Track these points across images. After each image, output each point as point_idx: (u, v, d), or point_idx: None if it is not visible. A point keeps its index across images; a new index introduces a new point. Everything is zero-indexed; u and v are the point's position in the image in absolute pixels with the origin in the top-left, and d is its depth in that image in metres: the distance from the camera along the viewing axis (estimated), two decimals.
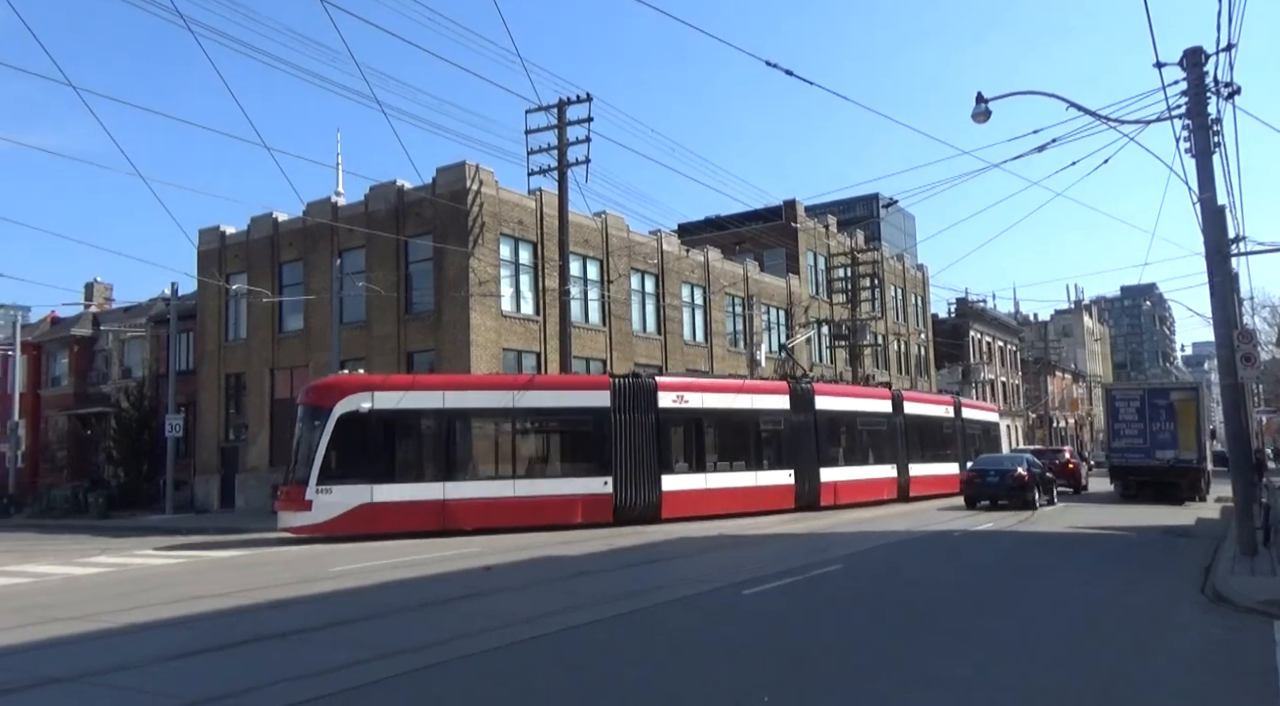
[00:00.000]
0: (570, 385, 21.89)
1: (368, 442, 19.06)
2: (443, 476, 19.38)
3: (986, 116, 14.09)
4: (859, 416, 27.63)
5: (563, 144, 26.02)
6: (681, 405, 22.02)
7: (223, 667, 7.25)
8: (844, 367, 46.48)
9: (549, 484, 20.21)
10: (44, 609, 10.41)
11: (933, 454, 30.84)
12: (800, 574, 11.63)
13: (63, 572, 14.36)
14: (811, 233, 46.66)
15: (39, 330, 43.90)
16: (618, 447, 20.69)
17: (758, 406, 23.99)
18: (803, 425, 24.79)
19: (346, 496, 18.54)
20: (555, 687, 6.17)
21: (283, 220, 32.19)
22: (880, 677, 6.34)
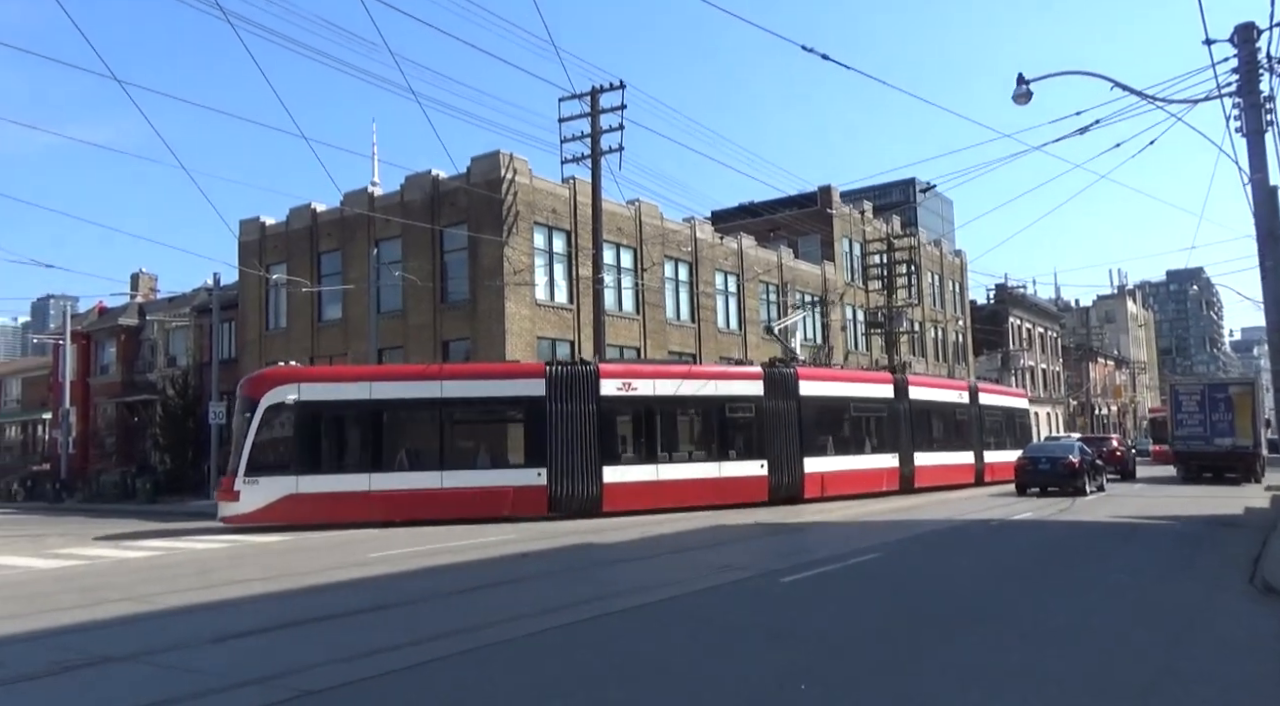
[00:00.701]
0: (501, 373, 21.32)
1: (294, 434, 19.14)
2: (369, 468, 19.30)
3: (1028, 98, 13.80)
4: (853, 402, 25.76)
5: (596, 132, 25.98)
6: (628, 392, 20.80)
7: (268, 649, 7.40)
8: (880, 355, 46.02)
9: (479, 475, 19.63)
10: (96, 590, 10.72)
11: (943, 442, 28.97)
12: (838, 562, 11.57)
13: (113, 555, 14.77)
14: (847, 219, 46.15)
15: (88, 320, 45.02)
16: (554, 438, 19.80)
17: (724, 393, 22.34)
18: (781, 412, 22.80)
19: (272, 487, 18.60)
20: (594, 671, 6.21)
21: (321, 211, 32.61)
22: (920, 666, 6.29)
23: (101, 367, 43.06)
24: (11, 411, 51.72)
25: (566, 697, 5.57)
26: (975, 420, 30.60)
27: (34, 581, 12.07)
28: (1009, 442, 32.33)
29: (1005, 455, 31.08)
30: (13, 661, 6.92)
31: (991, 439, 31.26)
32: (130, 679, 6.35)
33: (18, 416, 50.43)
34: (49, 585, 11.53)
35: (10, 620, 8.75)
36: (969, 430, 30.21)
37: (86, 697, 5.96)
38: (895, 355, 45.25)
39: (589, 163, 26.23)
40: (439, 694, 5.76)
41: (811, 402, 23.71)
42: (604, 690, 5.72)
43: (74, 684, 6.32)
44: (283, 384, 19.33)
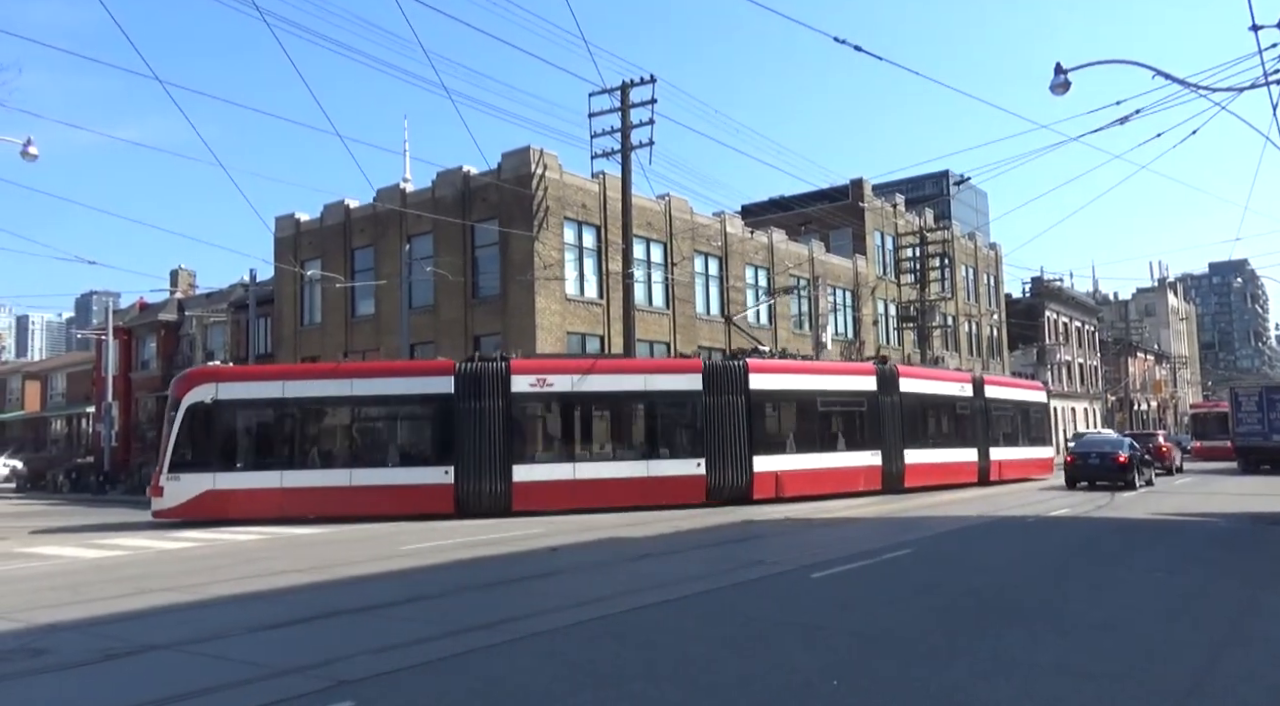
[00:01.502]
0: (410, 371, 21.46)
1: (212, 431, 19.62)
2: (281, 465, 19.67)
3: (1066, 88, 13.56)
4: (822, 396, 23.77)
5: (626, 126, 25.97)
6: (542, 388, 20.30)
7: (307, 639, 7.53)
8: (912, 350, 45.56)
9: (387, 473, 19.76)
10: (138, 580, 10.97)
11: (940, 438, 26.92)
12: (870, 558, 11.49)
13: (155, 546, 15.09)
14: (879, 212, 45.72)
15: (129, 316, 45.96)
16: (461, 435, 19.69)
17: (654, 388, 21.18)
18: (725, 407, 21.39)
19: (191, 483, 19.15)
20: (627, 665, 6.24)
21: (354, 207, 32.98)
22: (956, 661, 6.23)
23: (142, 362, 43.98)
24: (56, 405, 53.07)
25: (597, 690, 5.60)
26: (980, 414, 28.47)
27: (79, 571, 12.38)
28: (1023, 439, 30.83)
29: (1018, 452, 29.99)
30: (61, 649, 7.11)
31: (1001, 434, 29.39)
32: (173, 667, 6.50)
33: (62, 410, 51.72)
34: (93, 575, 11.81)
35: (58, 608, 8.99)
36: (971, 425, 28.12)
37: (132, 686, 6.09)
38: (928, 349, 44.77)
39: (619, 157, 26.24)
40: (472, 685, 5.82)
41: (765, 396, 22.23)
42: (634, 684, 5.74)
43: (120, 672, 6.47)
44: (203, 383, 19.92)
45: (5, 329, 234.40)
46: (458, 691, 5.69)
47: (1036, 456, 31.63)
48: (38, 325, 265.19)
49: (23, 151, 17.92)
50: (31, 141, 17.88)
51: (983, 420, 28.58)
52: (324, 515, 18.87)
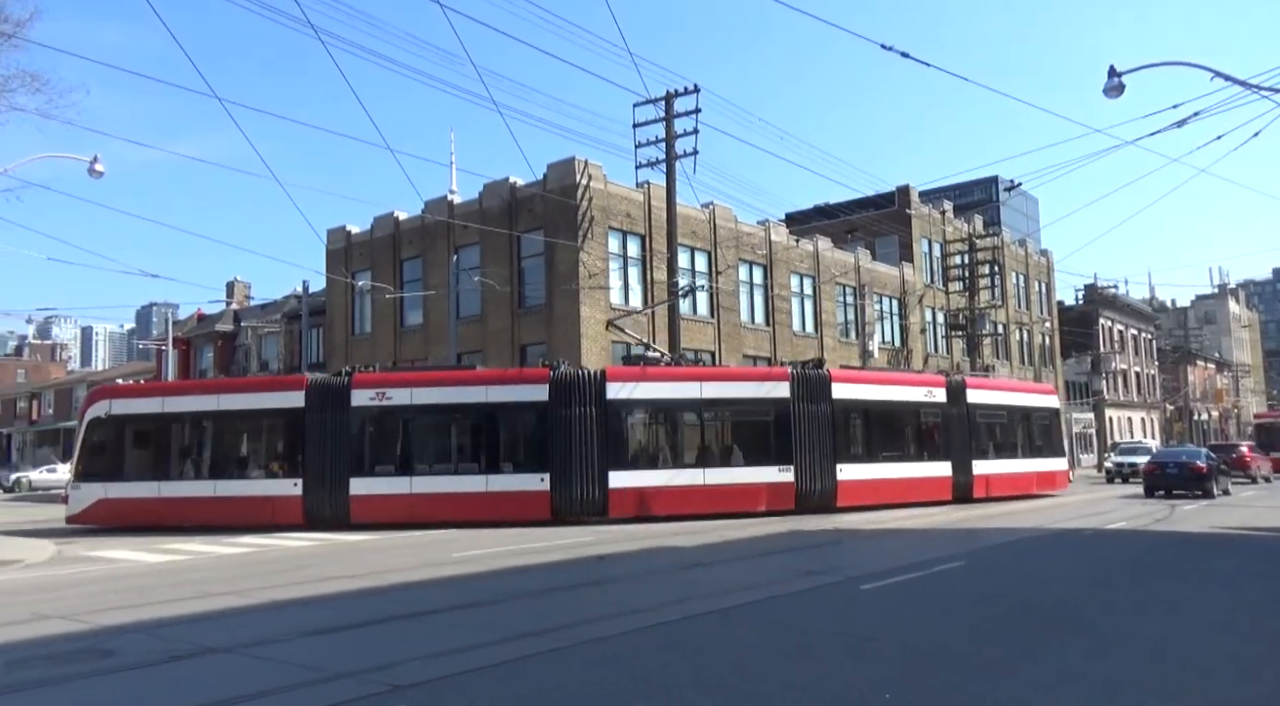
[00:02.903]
0: (265, 386, 22.67)
1: (106, 444, 20.92)
2: (160, 476, 20.56)
3: (1120, 91, 13.27)
4: (708, 404, 21.27)
5: (670, 136, 26.07)
6: (381, 402, 20.07)
7: (359, 644, 7.66)
8: (961, 358, 44.82)
9: (244, 485, 20.34)
10: (198, 584, 11.27)
11: (889, 450, 23.33)
12: (921, 570, 11.32)
13: (212, 551, 15.48)
14: (926, 219, 45.14)
15: (188, 326, 47.35)
16: (309, 449, 19.94)
17: (498, 400, 20.26)
18: (576, 419, 19.87)
19: (88, 492, 20.39)
20: (677, 673, 6.24)
21: (403, 219, 33.58)
22: (1010, 675, 6.11)
23: (200, 371, 45.25)
24: None
25: (650, 698, 5.61)
26: (956, 422, 24.25)
27: (141, 574, 12.77)
28: (1024, 450, 26.44)
29: (1020, 464, 25.83)
30: (128, 650, 7.35)
31: (990, 445, 25.48)
32: (233, 670, 6.67)
33: None
34: (155, 578, 12.17)
35: (123, 611, 9.29)
36: (941, 436, 24.10)
37: (195, 687, 6.27)
38: (978, 358, 44.01)
39: (663, 167, 26.34)
40: (523, 692, 5.87)
41: (628, 407, 20.51)
42: (685, 692, 5.74)
43: (182, 673, 6.66)
44: (101, 400, 21.35)
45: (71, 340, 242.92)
46: (510, 698, 5.75)
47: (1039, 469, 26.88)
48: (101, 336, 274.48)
49: (90, 169, 18.60)
50: (98, 159, 18.55)
51: (961, 429, 24.34)
52: (194, 523, 19.70)
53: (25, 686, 6.31)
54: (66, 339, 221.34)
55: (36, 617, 9.10)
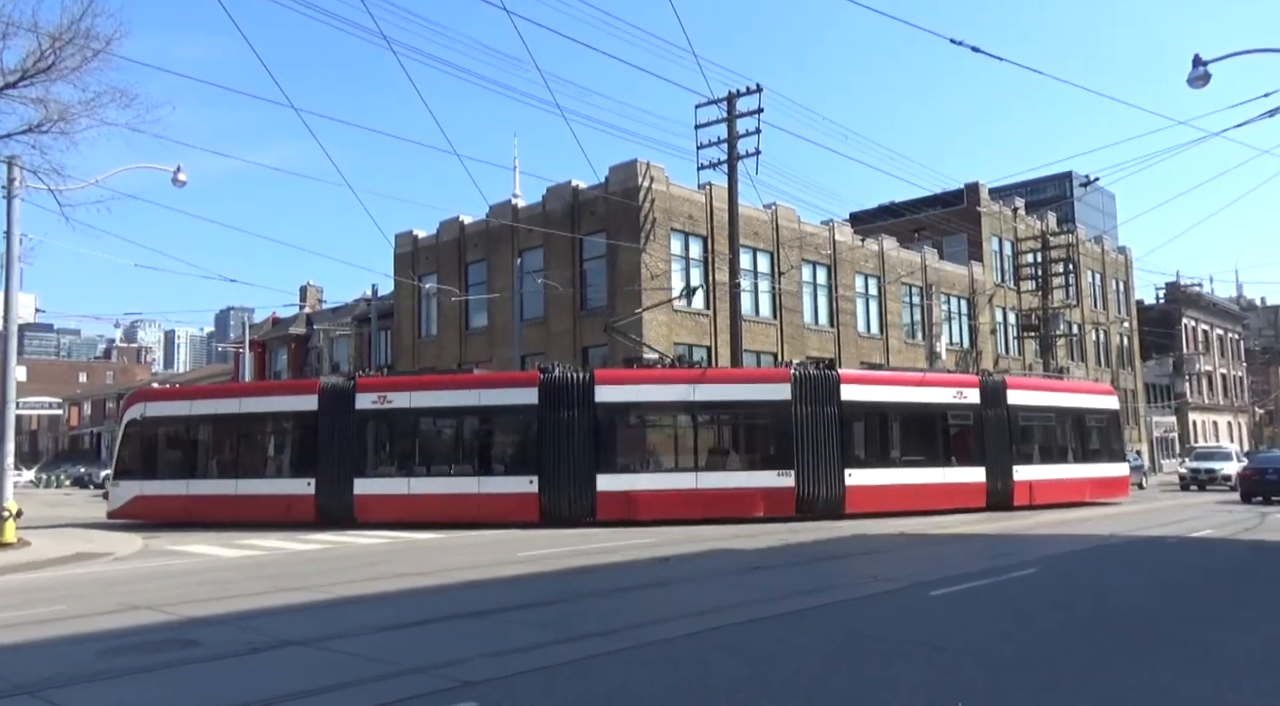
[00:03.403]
0: (281, 390, 24.18)
1: (142, 444, 22.29)
2: (188, 474, 21.76)
3: (1205, 80, 12.73)
4: (701, 407, 20.51)
5: (732, 136, 25.96)
6: (383, 406, 20.60)
7: (429, 640, 7.81)
8: (1034, 359, 43.53)
9: (263, 483, 21.13)
10: (274, 579, 11.64)
11: (908, 455, 22.25)
12: (993, 577, 11.02)
13: (287, 547, 15.98)
14: (996, 216, 44.00)
15: (263, 329, 49.00)
16: (321, 450, 20.64)
17: (489, 403, 20.44)
18: (564, 422, 19.79)
19: (126, 490, 21.84)
20: (741, 678, 6.19)
21: (468, 223, 34.17)
22: (1091, 688, 5.90)
23: (275, 373, 46.75)
24: None
25: (713, 703, 5.58)
26: (993, 425, 22.79)
27: (221, 568, 13.25)
28: (1076, 454, 24.80)
29: (1071, 470, 24.25)
30: (210, 641, 7.63)
31: (1035, 449, 23.92)
32: (310, 663, 6.86)
33: None
34: (234, 573, 12.62)
35: (206, 603, 9.65)
36: (973, 439, 22.68)
37: (274, 679, 6.47)
38: (1051, 359, 42.69)
39: (725, 167, 26.24)
40: (590, 691, 5.90)
41: (616, 410, 20.26)
42: (751, 697, 5.69)
43: (262, 665, 6.89)
44: (139, 402, 23.02)
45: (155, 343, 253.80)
46: (576, 697, 5.79)
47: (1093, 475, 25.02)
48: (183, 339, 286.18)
49: (174, 179, 19.39)
50: (181, 169, 19.33)
51: (996, 432, 22.84)
52: (216, 520, 20.46)
53: (117, 674, 6.60)
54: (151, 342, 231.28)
55: (126, 607, 9.52)
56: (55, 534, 18.81)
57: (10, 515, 16.83)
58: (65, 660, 7.05)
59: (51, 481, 56.45)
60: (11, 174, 17.50)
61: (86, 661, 6.97)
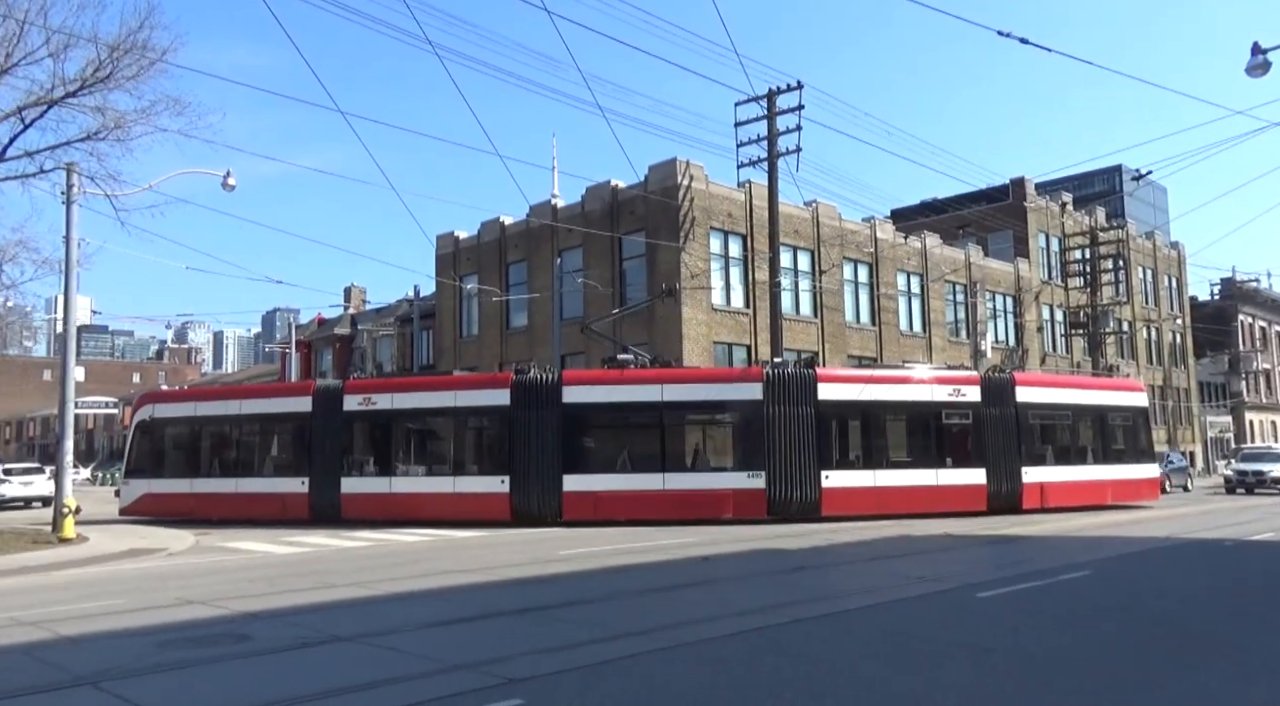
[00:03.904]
0: (279, 392, 25.17)
1: (150, 445, 23.27)
2: (192, 473, 22.67)
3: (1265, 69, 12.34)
4: (696, 408, 20.55)
5: (772, 134, 25.81)
6: (367, 407, 21.33)
7: (474, 637, 7.90)
8: (1082, 358, 42.61)
9: (261, 482, 21.91)
10: (322, 575, 11.86)
11: (903, 457, 21.51)
12: (1043, 578, 10.81)
13: (334, 544, 16.27)
14: (1043, 212, 43.14)
15: (309, 330, 49.88)
16: (311, 451, 21.41)
17: (465, 405, 20.84)
18: (533, 424, 19.94)
19: (136, 487, 22.80)
20: (785, 678, 6.16)
21: (508, 223, 34.42)
22: (1143, 694, 5.76)
23: (320, 373, 47.54)
24: None
25: (757, 703, 5.56)
26: (996, 424, 21.58)
27: (271, 565, 13.53)
28: (1097, 455, 23.42)
29: (1090, 471, 22.98)
30: (262, 636, 7.81)
31: (1048, 449, 22.78)
32: (358, 658, 6.98)
33: None
34: (284, 569, 12.88)
35: (257, 598, 9.87)
36: (973, 439, 21.54)
37: (324, 673, 6.59)
38: (1101, 357, 41.75)
39: (765, 166, 26.09)
40: (634, 690, 5.92)
41: (584, 410, 20.17)
42: (795, 697, 5.66)
43: (311, 660, 7.02)
44: (147, 403, 24.07)
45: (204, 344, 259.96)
46: (619, 695, 5.80)
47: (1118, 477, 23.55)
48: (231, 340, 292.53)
49: (223, 183, 19.84)
50: (231, 174, 19.76)
51: (1001, 431, 21.74)
52: (219, 518, 21.09)
53: (173, 666, 6.78)
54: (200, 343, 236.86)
55: (181, 602, 9.77)
56: (111, 530, 19.37)
57: (70, 511, 17.40)
58: (125, 652, 7.26)
59: (106, 479, 58.24)
60: (70, 181, 18.06)
61: (145, 654, 7.17)
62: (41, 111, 17.91)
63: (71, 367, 18.67)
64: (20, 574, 12.96)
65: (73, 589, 11.34)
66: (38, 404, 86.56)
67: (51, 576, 12.79)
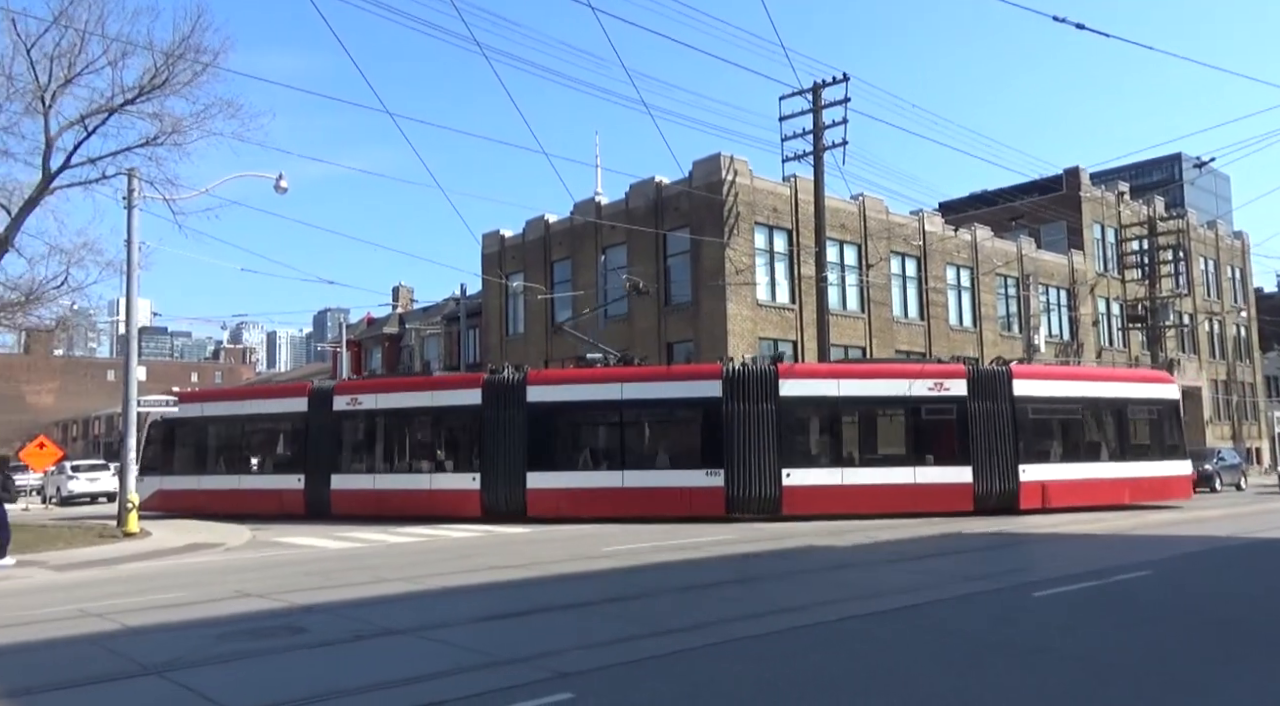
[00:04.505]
0: (278, 393, 26.20)
1: (162, 444, 24.56)
2: (199, 470, 23.86)
3: None
4: (655, 407, 20.79)
5: (818, 127, 25.55)
6: (354, 407, 22.41)
7: (523, 631, 7.98)
8: (1140, 352, 41.46)
9: (261, 479, 23.03)
10: (375, 570, 12.08)
11: (875, 454, 20.78)
12: (1100, 579, 10.54)
13: (386, 540, 16.56)
14: (1098, 202, 42.02)
15: (358, 329, 50.78)
16: (309, 448, 22.59)
17: (439, 404, 21.86)
18: (503, 422, 20.57)
19: (150, 484, 23.40)
20: (833, 676, 6.11)
21: (553, 221, 34.60)
22: (1205, 698, 5.58)
23: (370, 371, 48.38)
24: None
25: (804, 700, 5.52)
26: (988, 419, 20.48)
27: (325, 559, 13.83)
28: (1113, 452, 21.91)
29: (1102, 469, 21.49)
30: (317, 628, 7.98)
31: (1052, 445, 21.55)
32: (410, 651, 7.10)
33: None
34: (336, 563, 13.15)
35: (312, 592, 10.09)
36: (958, 435, 20.48)
37: (378, 666, 6.72)
38: (1160, 351, 40.56)
39: (810, 159, 25.84)
40: (681, 685, 5.92)
41: (546, 409, 20.64)
42: (842, 696, 5.61)
43: (367, 652, 7.16)
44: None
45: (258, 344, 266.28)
46: (669, 690, 5.81)
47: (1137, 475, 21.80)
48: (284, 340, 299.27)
49: (275, 185, 20.28)
50: (283, 176, 20.19)
51: (991, 428, 20.54)
52: (224, 513, 21.88)
53: (233, 657, 6.98)
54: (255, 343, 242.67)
55: (240, 595, 10.03)
56: (172, 524, 19.98)
57: (134, 506, 17.98)
58: (187, 643, 7.49)
59: None
60: (131, 185, 18.63)
61: (207, 645, 7.38)
62: (102, 119, 18.55)
63: (134, 368, 19.27)
64: (88, 567, 13.45)
65: (136, 582, 11.72)
66: (102, 403, 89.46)
67: (116, 569, 13.25)
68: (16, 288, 18.83)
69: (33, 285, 18.88)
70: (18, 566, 13.21)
